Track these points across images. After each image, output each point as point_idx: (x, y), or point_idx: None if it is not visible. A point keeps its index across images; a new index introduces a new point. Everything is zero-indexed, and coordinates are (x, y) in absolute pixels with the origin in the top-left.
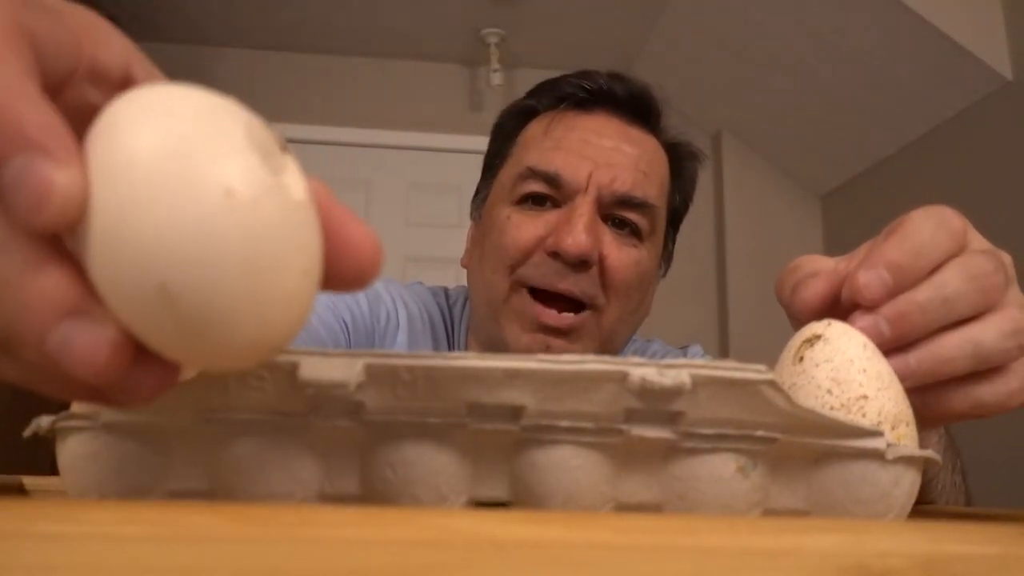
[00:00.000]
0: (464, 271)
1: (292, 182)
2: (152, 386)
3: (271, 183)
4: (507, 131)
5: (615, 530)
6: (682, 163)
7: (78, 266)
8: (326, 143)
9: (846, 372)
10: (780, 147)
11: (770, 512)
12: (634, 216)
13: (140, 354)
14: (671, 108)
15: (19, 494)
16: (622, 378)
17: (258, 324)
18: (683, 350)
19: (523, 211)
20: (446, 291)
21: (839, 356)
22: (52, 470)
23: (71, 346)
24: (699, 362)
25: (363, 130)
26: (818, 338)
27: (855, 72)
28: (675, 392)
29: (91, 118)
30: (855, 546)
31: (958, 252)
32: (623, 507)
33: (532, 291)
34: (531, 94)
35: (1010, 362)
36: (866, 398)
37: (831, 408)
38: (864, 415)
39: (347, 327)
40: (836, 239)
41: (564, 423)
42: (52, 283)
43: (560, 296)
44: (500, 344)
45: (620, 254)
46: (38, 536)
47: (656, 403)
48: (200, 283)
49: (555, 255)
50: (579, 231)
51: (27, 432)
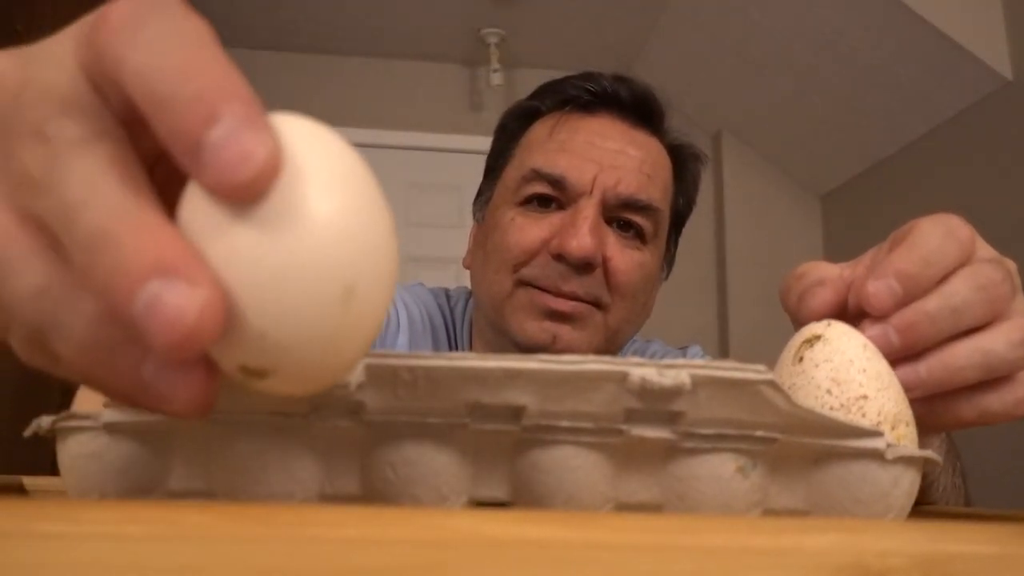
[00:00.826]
0: (465, 272)
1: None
2: (194, 396)
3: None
4: (511, 132)
5: (615, 530)
6: (685, 165)
7: (174, 226)
8: None
9: (846, 372)
10: (780, 147)
11: (770, 512)
12: (638, 219)
13: (198, 361)
14: (672, 109)
15: (19, 494)
16: (622, 378)
17: (366, 346)
18: (682, 350)
19: (527, 213)
20: (447, 292)
21: (839, 356)
22: (53, 470)
23: (158, 303)
24: (699, 362)
25: (363, 130)
26: (818, 338)
27: (855, 72)
28: (675, 392)
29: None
30: (854, 546)
31: (966, 261)
32: (623, 507)
33: (534, 287)
34: (535, 95)
35: (1017, 371)
36: (866, 398)
37: (831, 408)
38: (864, 415)
39: None
40: (836, 239)
41: (564, 423)
42: (155, 239)
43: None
44: (506, 339)
45: (624, 256)
46: (38, 536)
47: (656, 403)
48: (379, 280)
49: (559, 257)
50: (583, 233)
51: (27, 432)
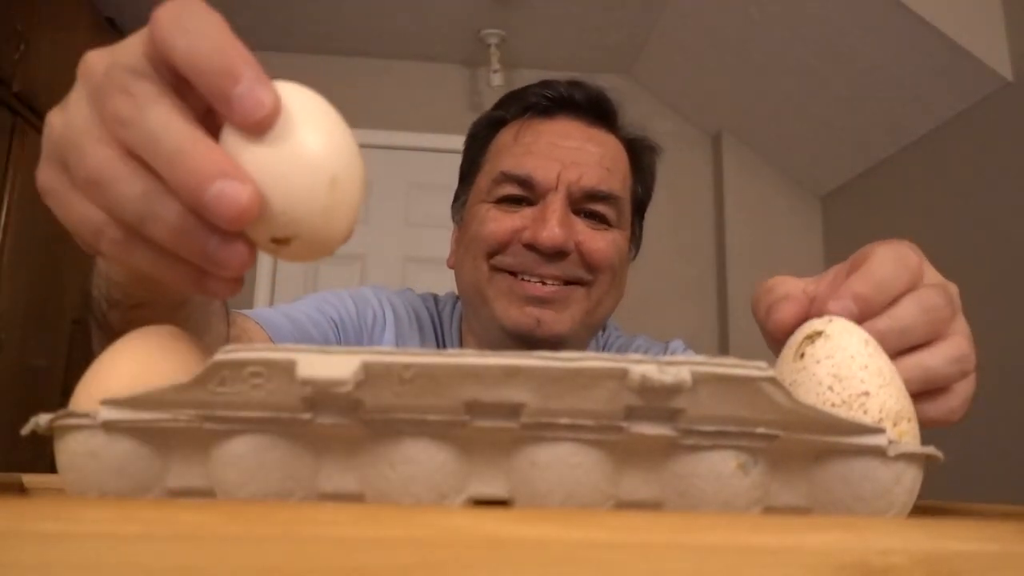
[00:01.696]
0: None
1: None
2: (242, 262)
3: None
4: (480, 140)
5: (615, 528)
6: (641, 156)
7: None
8: None
9: (847, 368)
10: (780, 147)
11: (771, 509)
12: (602, 208)
13: (241, 237)
14: (665, 111)
15: (18, 492)
16: (622, 375)
17: (352, 220)
18: (664, 344)
19: (501, 208)
20: (435, 296)
21: (840, 352)
22: (54, 467)
23: (223, 194)
24: (700, 359)
25: (363, 130)
26: (819, 334)
27: (855, 72)
28: (675, 389)
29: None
30: (856, 543)
31: (914, 286)
32: (623, 505)
33: (512, 274)
34: (499, 105)
35: (953, 384)
36: (867, 394)
37: (832, 405)
38: (865, 412)
39: (336, 326)
40: (836, 239)
41: (564, 420)
42: (214, 155)
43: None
44: (493, 324)
45: (595, 237)
46: (36, 535)
47: (656, 400)
48: (353, 176)
49: (531, 247)
50: (552, 224)
51: (25, 430)
